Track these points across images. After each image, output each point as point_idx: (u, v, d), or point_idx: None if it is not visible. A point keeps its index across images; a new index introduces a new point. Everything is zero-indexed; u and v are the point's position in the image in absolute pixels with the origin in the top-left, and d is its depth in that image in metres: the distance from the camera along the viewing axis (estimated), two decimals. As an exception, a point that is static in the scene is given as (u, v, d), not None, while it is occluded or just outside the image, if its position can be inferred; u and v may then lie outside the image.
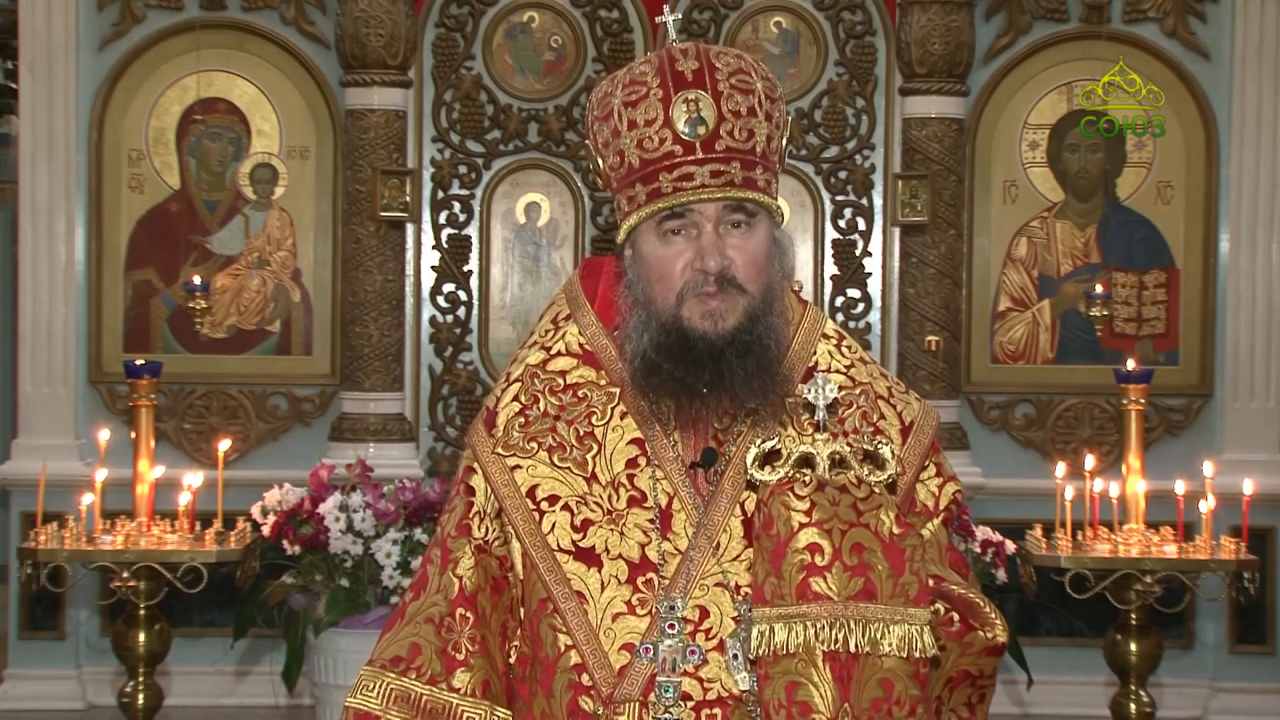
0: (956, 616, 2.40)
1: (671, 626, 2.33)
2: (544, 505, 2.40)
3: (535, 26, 6.98)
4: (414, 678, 2.41)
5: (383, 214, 6.72)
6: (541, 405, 2.44)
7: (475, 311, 6.98)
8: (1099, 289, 6.84)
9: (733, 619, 2.33)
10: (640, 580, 2.35)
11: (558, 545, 2.38)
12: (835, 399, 2.33)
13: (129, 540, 5.16)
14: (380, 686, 2.41)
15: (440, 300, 6.97)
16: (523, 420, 2.44)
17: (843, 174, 6.97)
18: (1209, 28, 6.92)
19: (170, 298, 6.90)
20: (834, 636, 2.19)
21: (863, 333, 6.96)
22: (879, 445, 2.28)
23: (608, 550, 2.37)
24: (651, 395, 2.38)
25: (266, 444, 6.94)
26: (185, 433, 6.89)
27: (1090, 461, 5.72)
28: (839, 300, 6.96)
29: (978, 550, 5.75)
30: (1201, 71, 6.91)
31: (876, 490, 2.26)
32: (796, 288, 2.52)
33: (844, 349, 2.50)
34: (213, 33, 6.90)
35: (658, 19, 2.51)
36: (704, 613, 2.34)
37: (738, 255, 2.33)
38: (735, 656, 2.32)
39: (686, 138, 2.31)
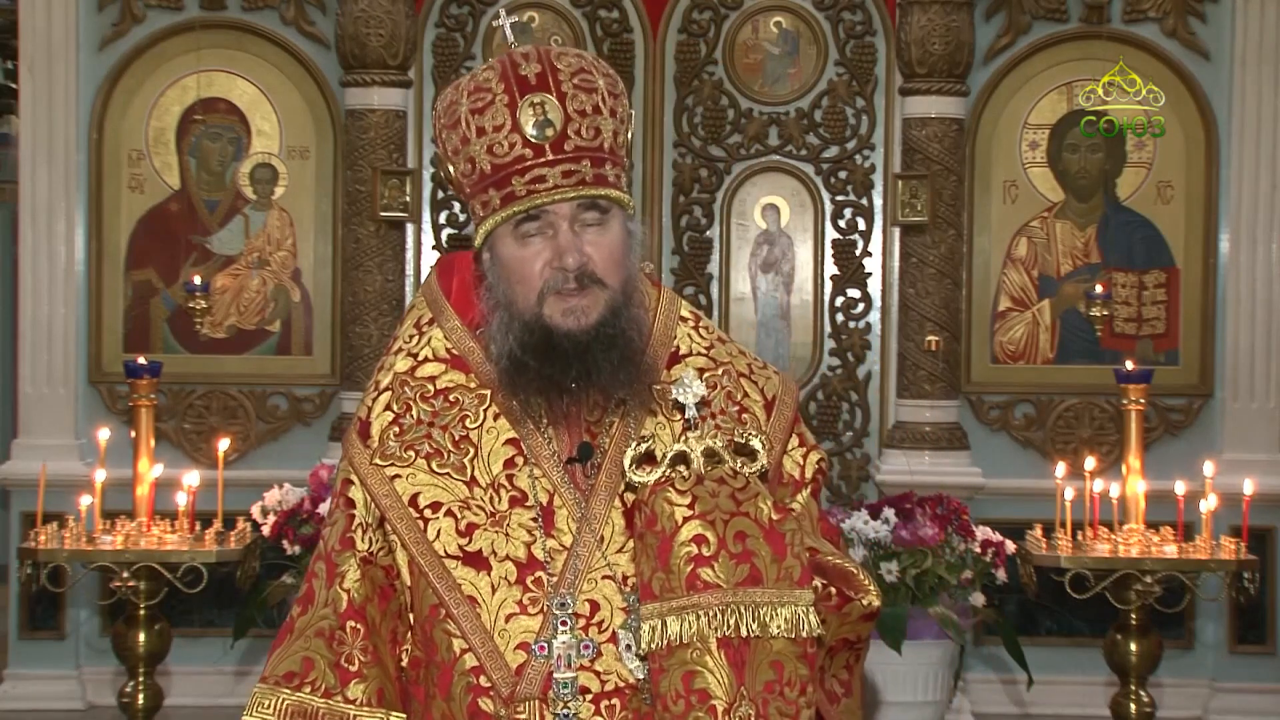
0: (834, 590, 2.42)
1: (564, 623, 2.36)
2: (427, 513, 2.42)
3: (535, 26, 6.98)
4: (309, 692, 2.42)
5: (383, 214, 6.72)
6: (414, 413, 2.46)
7: (475, 311, 6.96)
8: (1099, 289, 6.83)
9: (622, 609, 2.37)
10: (529, 579, 2.38)
11: (445, 551, 2.40)
12: (704, 396, 2.37)
13: (129, 540, 5.16)
14: (276, 703, 2.42)
15: (440, 300, 6.95)
16: (397, 429, 2.46)
17: (843, 174, 6.97)
18: (1209, 28, 6.91)
19: (170, 298, 6.90)
20: (726, 622, 2.23)
21: (863, 333, 6.95)
22: (749, 437, 2.33)
23: (495, 553, 2.39)
24: (521, 394, 2.41)
25: (266, 444, 6.93)
26: (185, 433, 6.89)
27: (1090, 462, 5.73)
28: (839, 300, 6.95)
29: (978, 550, 5.76)
30: (1201, 71, 6.90)
31: (751, 481, 2.31)
32: (647, 269, 2.54)
33: (701, 330, 2.55)
34: (213, 33, 6.90)
35: (494, 23, 2.55)
36: (594, 606, 2.37)
37: (595, 251, 2.37)
38: (628, 647, 2.36)
39: (535, 140, 2.35)
